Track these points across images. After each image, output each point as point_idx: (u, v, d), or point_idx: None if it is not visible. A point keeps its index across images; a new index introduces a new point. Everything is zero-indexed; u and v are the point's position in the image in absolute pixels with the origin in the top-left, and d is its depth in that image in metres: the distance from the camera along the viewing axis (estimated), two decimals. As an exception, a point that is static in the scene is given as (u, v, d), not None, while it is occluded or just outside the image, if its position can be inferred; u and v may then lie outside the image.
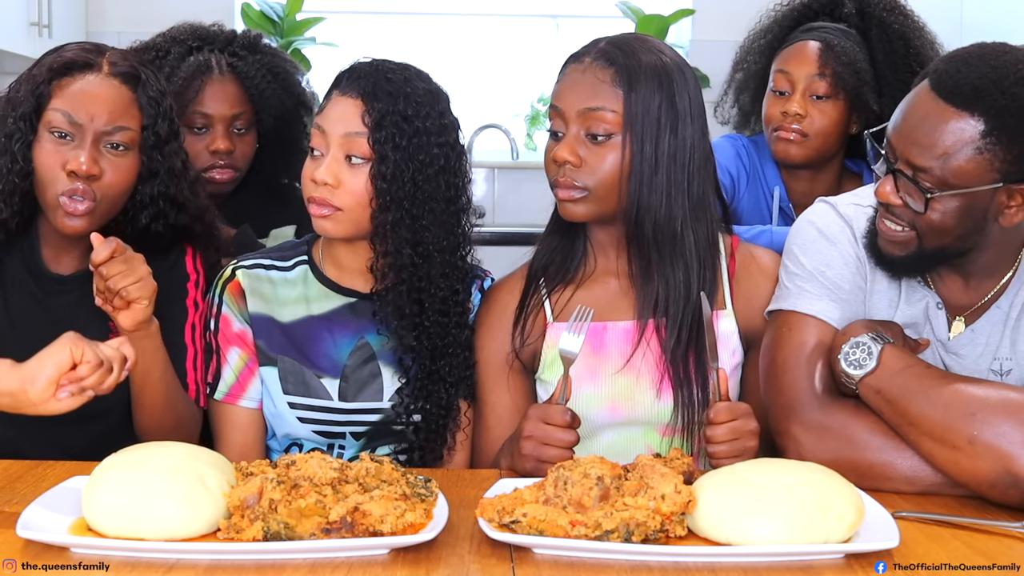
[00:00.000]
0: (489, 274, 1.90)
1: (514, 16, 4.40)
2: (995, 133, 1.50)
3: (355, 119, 1.70)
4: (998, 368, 1.67)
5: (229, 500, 1.35)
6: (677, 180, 1.70)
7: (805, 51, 2.35)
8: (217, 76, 2.28)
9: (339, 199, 1.70)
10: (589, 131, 1.70)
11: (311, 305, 1.82)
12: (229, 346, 1.80)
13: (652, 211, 1.70)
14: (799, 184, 2.42)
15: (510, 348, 1.81)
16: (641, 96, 1.69)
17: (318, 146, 1.73)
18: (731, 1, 3.31)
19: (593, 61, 1.72)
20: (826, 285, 1.69)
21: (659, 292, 1.73)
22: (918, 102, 1.56)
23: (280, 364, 1.79)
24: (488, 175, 4.27)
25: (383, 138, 1.69)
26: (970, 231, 1.57)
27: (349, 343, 1.81)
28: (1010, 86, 1.50)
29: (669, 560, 1.30)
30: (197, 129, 2.27)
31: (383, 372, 1.81)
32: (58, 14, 3.62)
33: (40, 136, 1.72)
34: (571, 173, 1.70)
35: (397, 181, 1.69)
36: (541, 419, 1.60)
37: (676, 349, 1.73)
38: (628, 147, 1.69)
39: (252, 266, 1.82)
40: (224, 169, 2.29)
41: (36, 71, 1.74)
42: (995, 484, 1.48)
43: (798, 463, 1.43)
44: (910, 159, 1.54)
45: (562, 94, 1.74)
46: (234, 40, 2.38)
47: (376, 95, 1.70)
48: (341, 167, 1.70)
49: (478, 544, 1.35)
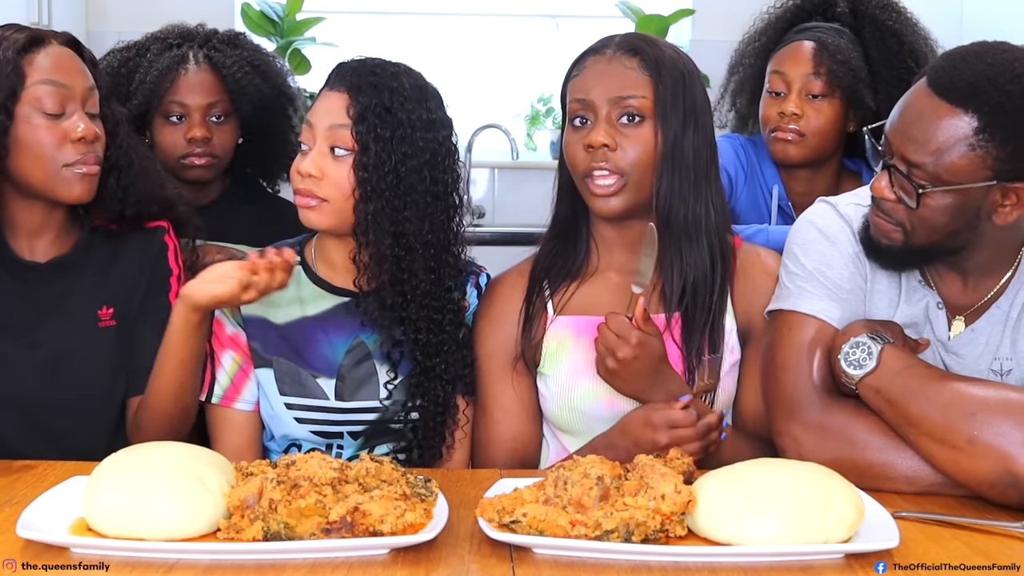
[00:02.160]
0: (484, 270, 1.91)
1: (514, 16, 4.40)
2: (988, 130, 1.50)
3: (340, 112, 1.72)
4: (998, 368, 1.67)
5: (229, 500, 1.35)
6: (700, 168, 1.75)
7: (800, 51, 2.36)
8: (193, 67, 2.32)
9: (324, 190, 1.73)
10: (622, 115, 1.72)
11: (305, 306, 1.82)
12: (223, 349, 1.81)
13: (682, 197, 1.74)
14: (797, 183, 2.43)
15: (514, 342, 1.82)
16: (667, 85, 1.73)
17: (307, 140, 1.75)
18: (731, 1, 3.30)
19: (616, 51, 1.75)
20: (826, 285, 1.69)
21: (687, 278, 1.76)
22: (915, 99, 1.56)
23: (276, 365, 1.80)
24: (488, 175, 4.27)
25: (365, 129, 1.71)
26: (962, 229, 1.57)
27: (344, 342, 1.81)
28: (1005, 83, 1.50)
29: (669, 560, 1.30)
30: (175, 119, 2.31)
31: (379, 371, 1.81)
32: (58, 14, 3.61)
33: (22, 117, 1.69)
34: (607, 156, 1.72)
35: (378, 172, 1.71)
36: (669, 425, 1.65)
37: (693, 340, 1.76)
38: (660, 133, 1.72)
39: None
40: (202, 156, 2.32)
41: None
42: (995, 484, 1.48)
43: (798, 463, 1.43)
44: (905, 155, 1.55)
45: (588, 85, 1.75)
46: (214, 36, 2.42)
47: (361, 88, 1.73)
48: (326, 159, 1.72)
49: (478, 544, 1.35)
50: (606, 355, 1.68)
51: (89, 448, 1.70)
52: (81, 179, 1.72)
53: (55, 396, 1.75)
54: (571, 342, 1.80)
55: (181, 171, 2.32)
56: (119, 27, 3.82)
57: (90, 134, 1.71)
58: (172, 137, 2.31)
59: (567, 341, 1.80)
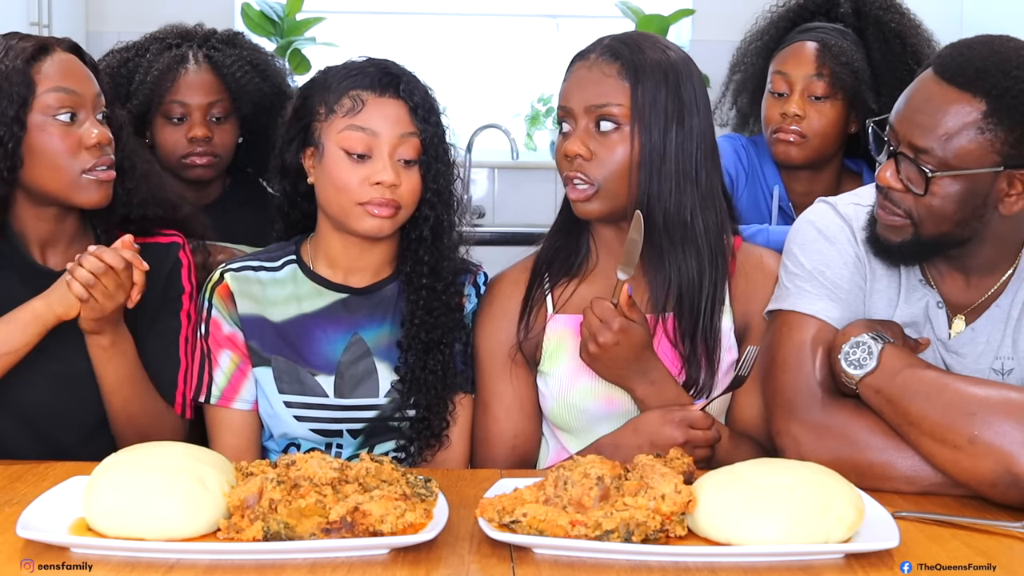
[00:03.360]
0: (481, 268, 1.92)
1: (514, 16, 4.40)
2: (996, 115, 1.50)
3: (405, 120, 1.76)
4: (999, 367, 1.67)
5: (229, 500, 1.35)
6: (685, 170, 1.73)
7: (802, 52, 2.35)
8: (193, 67, 2.34)
9: (401, 198, 1.75)
10: (597, 124, 1.72)
11: (302, 303, 1.83)
12: (220, 349, 1.81)
13: (662, 200, 1.73)
14: (798, 183, 2.43)
15: (514, 339, 1.82)
16: (647, 88, 1.71)
17: (365, 149, 1.75)
18: (731, 1, 3.31)
19: (599, 57, 1.75)
20: (825, 285, 1.69)
21: (671, 281, 1.76)
22: (921, 86, 1.57)
23: (274, 364, 1.80)
24: (488, 175, 4.27)
25: (430, 137, 1.78)
26: (969, 218, 1.57)
27: (343, 339, 1.82)
28: (1012, 69, 1.51)
29: (669, 560, 1.30)
30: (176, 119, 2.32)
31: (378, 368, 1.81)
32: (58, 14, 3.61)
33: (35, 126, 1.68)
34: (582, 167, 1.72)
35: (444, 177, 1.81)
36: (688, 424, 1.68)
37: (687, 337, 1.76)
38: (636, 138, 1.71)
39: (240, 268, 1.83)
40: (203, 156, 2.33)
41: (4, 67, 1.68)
42: (995, 484, 1.48)
43: (798, 463, 1.43)
44: (912, 141, 1.55)
45: (569, 92, 1.76)
46: (213, 36, 2.43)
47: (413, 92, 1.77)
48: (398, 168, 1.75)
49: (478, 544, 1.35)
50: (588, 339, 1.70)
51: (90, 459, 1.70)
52: (99, 185, 1.72)
53: (61, 407, 1.75)
54: (570, 340, 1.80)
55: (182, 171, 2.33)
56: (119, 27, 3.82)
57: (104, 139, 1.71)
58: (173, 137, 2.32)
59: (566, 340, 1.80)
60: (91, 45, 1.89)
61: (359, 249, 1.81)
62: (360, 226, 1.76)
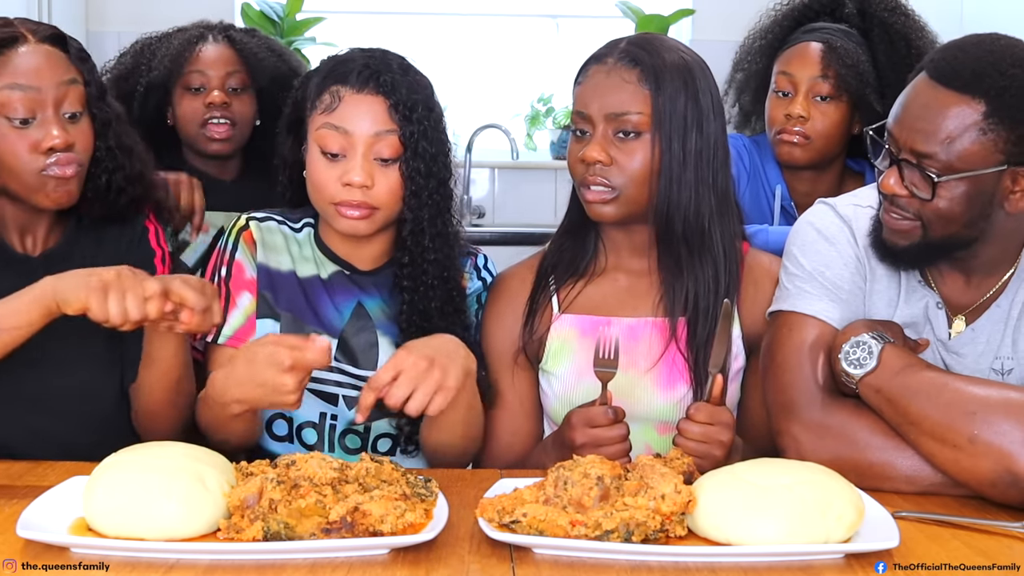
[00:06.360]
0: (480, 251, 1.91)
1: (514, 16, 4.40)
2: (997, 114, 1.50)
3: (383, 117, 1.72)
4: (999, 367, 1.67)
5: (229, 500, 1.35)
6: (704, 176, 1.73)
7: (807, 52, 2.35)
8: (212, 41, 2.43)
9: (376, 199, 1.72)
10: (618, 131, 1.71)
11: (315, 266, 1.84)
12: (241, 291, 1.80)
13: (682, 208, 1.72)
14: (801, 183, 2.42)
15: (518, 342, 1.82)
16: (668, 95, 1.71)
17: (339, 148, 1.72)
18: (731, 1, 3.31)
19: (617, 62, 1.73)
20: (825, 285, 1.69)
21: (688, 289, 1.75)
22: (917, 92, 1.56)
23: (283, 319, 1.79)
24: (488, 175, 4.27)
25: (410, 133, 1.71)
26: (976, 218, 1.57)
27: (348, 306, 1.82)
28: (1008, 67, 1.51)
29: (669, 560, 1.30)
30: (195, 89, 2.40)
31: (380, 341, 1.81)
32: (58, 14, 3.61)
33: None
34: (601, 172, 1.72)
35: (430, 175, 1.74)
36: (587, 424, 1.61)
37: (699, 344, 1.75)
38: (657, 145, 1.71)
39: (264, 219, 1.83)
40: (220, 124, 2.39)
41: None
42: (995, 483, 1.48)
43: (798, 463, 1.43)
44: (914, 147, 1.55)
45: (587, 97, 1.75)
46: (232, 27, 2.53)
47: (394, 87, 1.72)
48: (374, 167, 1.72)
49: (478, 544, 1.35)
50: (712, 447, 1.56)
51: (76, 441, 1.70)
52: (58, 185, 1.67)
53: (48, 389, 1.74)
54: (575, 341, 1.80)
55: (202, 143, 2.41)
56: (119, 27, 3.83)
57: (63, 143, 1.65)
58: (192, 105, 2.39)
59: (571, 340, 1.80)
60: (91, 45, 1.87)
61: (355, 241, 1.82)
62: (336, 226, 1.76)
